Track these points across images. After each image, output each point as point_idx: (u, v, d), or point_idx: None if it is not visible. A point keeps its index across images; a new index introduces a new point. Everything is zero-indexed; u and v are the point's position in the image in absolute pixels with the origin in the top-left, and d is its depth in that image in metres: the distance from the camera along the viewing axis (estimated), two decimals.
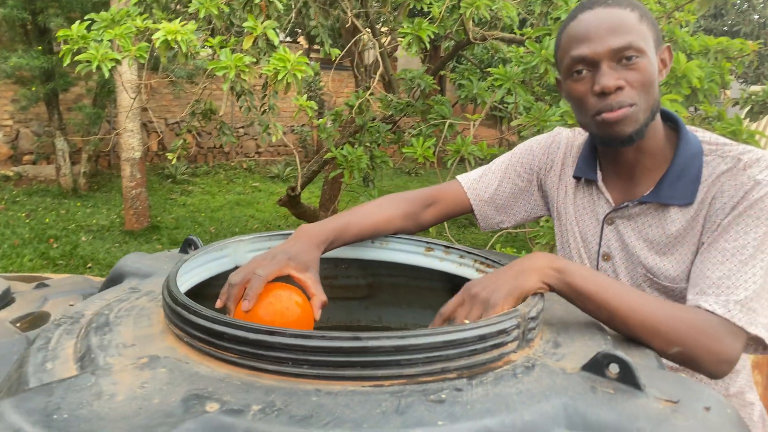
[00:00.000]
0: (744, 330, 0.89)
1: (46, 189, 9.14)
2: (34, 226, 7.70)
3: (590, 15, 0.98)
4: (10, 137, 9.61)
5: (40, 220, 7.94)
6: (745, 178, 0.97)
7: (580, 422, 0.59)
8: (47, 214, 8.22)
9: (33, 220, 7.91)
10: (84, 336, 0.73)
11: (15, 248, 6.98)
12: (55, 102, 8.70)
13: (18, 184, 9.26)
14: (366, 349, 0.62)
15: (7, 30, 8.20)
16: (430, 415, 0.58)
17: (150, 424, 0.54)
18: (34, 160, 9.70)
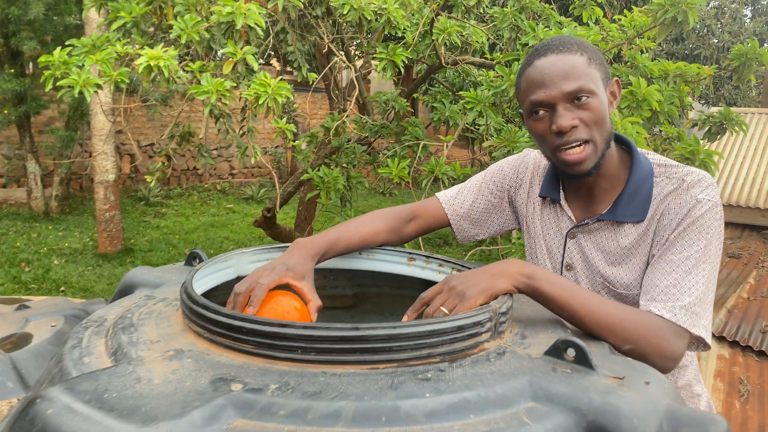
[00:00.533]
0: (688, 331, 1.01)
1: (16, 212, 9.05)
2: (5, 249, 7.63)
3: (544, 62, 1.09)
4: None
5: (11, 244, 7.86)
6: (688, 197, 1.10)
7: (543, 395, 0.71)
8: (18, 237, 8.14)
9: (4, 244, 7.83)
10: (113, 335, 0.83)
11: None
12: (26, 125, 8.66)
13: None
14: (364, 338, 0.73)
15: None
16: (419, 389, 0.69)
17: (186, 400, 0.64)
18: (4, 183, 9.61)
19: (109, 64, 3.65)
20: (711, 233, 1.07)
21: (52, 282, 6.87)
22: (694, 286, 1.03)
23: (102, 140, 7.67)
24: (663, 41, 16.13)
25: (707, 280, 1.05)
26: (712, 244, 1.07)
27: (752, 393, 3.50)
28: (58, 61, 3.70)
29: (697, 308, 1.03)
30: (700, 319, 1.03)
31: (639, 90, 3.46)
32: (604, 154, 1.12)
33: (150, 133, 10.81)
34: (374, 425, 0.63)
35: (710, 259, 1.06)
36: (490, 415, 0.67)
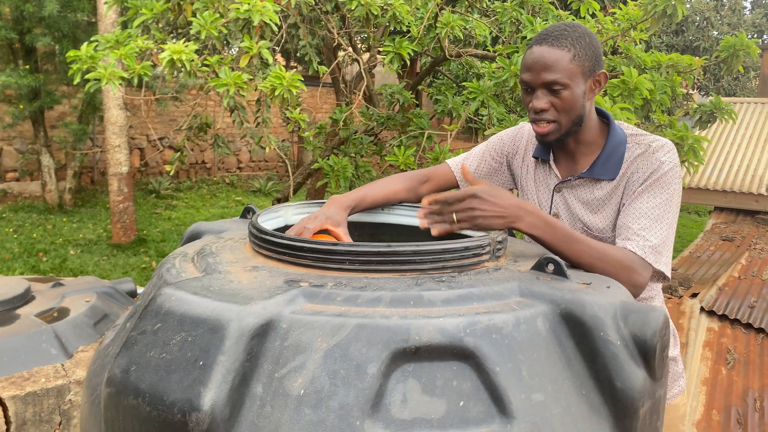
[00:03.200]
0: (652, 266, 1.26)
1: (31, 205, 9.31)
2: (22, 241, 7.89)
3: (537, 50, 1.33)
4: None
5: (28, 235, 8.12)
6: (654, 159, 1.35)
7: (528, 293, 0.95)
8: (34, 229, 8.40)
9: (21, 235, 8.09)
10: (199, 260, 1.07)
11: (5, 262, 7.17)
12: (40, 119, 8.92)
13: (3, 200, 9.42)
14: (395, 253, 0.97)
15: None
16: (436, 286, 0.94)
17: (270, 290, 0.89)
18: (18, 176, 9.88)
19: (133, 59, 3.89)
20: (672, 188, 1.32)
21: (69, 271, 7.12)
22: (659, 231, 1.28)
23: (116, 134, 7.92)
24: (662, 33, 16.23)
25: (669, 227, 1.30)
26: (673, 197, 1.32)
27: (738, 361, 3.75)
28: (85, 56, 3.93)
29: (661, 249, 1.28)
30: (662, 257, 1.28)
31: (630, 79, 3.68)
32: (570, 131, 1.38)
33: (159, 127, 11.06)
34: (405, 306, 0.88)
35: (672, 210, 1.31)
36: (488, 303, 0.91)
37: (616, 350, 0.89)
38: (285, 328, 0.83)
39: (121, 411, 0.83)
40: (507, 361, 0.84)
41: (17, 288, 3.30)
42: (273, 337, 0.83)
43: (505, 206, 1.17)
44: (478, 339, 0.84)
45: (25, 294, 3.35)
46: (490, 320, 0.86)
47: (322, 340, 0.82)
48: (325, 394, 0.79)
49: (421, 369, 0.82)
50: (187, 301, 0.86)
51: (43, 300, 3.44)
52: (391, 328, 0.83)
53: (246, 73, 3.77)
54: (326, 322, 0.84)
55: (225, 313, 0.82)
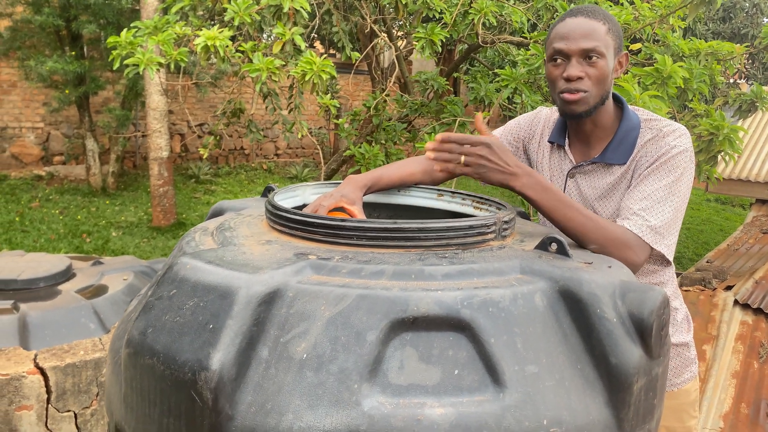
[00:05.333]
0: (650, 246, 1.27)
1: (76, 188, 9.61)
2: (67, 222, 8.17)
3: (573, 21, 1.36)
4: (42, 139, 10.14)
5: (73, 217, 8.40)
6: (663, 143, 1.35)
7: (528, 270, 0.98)
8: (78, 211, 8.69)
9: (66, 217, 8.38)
10: (217, 234, 1.13)
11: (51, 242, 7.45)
12: (85, 104, 9.18)
13: (50, 183, 9.75)
14: (400, 229, 1.01)
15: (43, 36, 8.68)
16: (438, 261, 0.97)
17: (279, 260, 0.94)
18: (64, 160, 10.21)
19: (170, 45, 3.98)
20: (680, 171, 1.32)
21: (111, 252, 7.36)
22: (663, 212, 1.29)
23: (156, 119, 8.12)
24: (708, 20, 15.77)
25: (675, 210, 1.31)
26: (681, 181, 1.32)
27: None
28: (125, 42, 4.04)
29: (663, 231, 1.28)
30: (664, 239, 1.29)
31: (664, 67, 3.62)
32: (597, 106, 1.39)
33: (199, 113, 11.27)
34: (406, 279, 0.92)
35: (679, 193, 1.32)
36: (488, 279, 0.95)
37: (612, 327, 0.91)
38: (291, 296, 0.88)
39: (139, 370, 0.89)
40: (502, 333, 0.88)
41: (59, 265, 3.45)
42: (279, 304, 0.88)
43: (509, 163, 1.22)
44: (475, 312, 0.87)
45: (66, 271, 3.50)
46: (487, 294, 0.90)
47: (325, 309, 0.87)
48: (326, 358, 0.84)
49: (419, 338, 0.86)
50: (200, 269, 0.91)
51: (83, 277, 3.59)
52: (390, 299, 0.87)
53: (279, 59, 3.83)
54: (330, 291, 0.88)
55: (235, 281, 0.87)
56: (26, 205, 8.61)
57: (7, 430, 2.71)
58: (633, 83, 3.35)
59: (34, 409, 2.74)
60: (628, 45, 4.18)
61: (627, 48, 4.15)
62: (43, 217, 8.26)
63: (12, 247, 7.26)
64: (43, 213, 8.41)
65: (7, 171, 9.85)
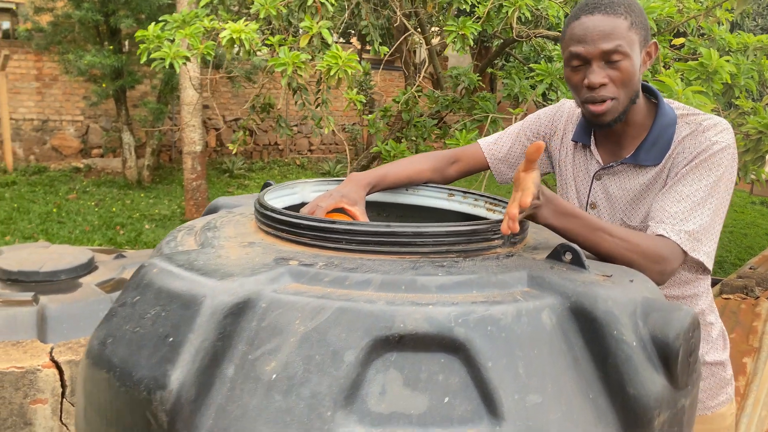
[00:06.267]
0: (686, 252, 1.13)
1: (113, 180, 9.74)
2: (102, 214, 8.28)
3: (590, 19, 1.19)
4: (81, 132, 10.31)
5: (108, 209, 8.51)
6: (703, 139, 1.21)
7: (537, 283, 0.86)
8: (114, 203, 8.79)
9: (101, 209, 8.49)
10: (200, 234, 1.04)
11: (86, 233, 7.55)
12: (122, 98, 9.29)
13: (87, 175, 9.90)
14: (394, 233, 0.91)
15: (82, 31, 8.82)
16: (434, 270, 0.86)
17: (255, 267, 0.85)
18: (102, 153, 10.37)
19: (197, 38, 3.94)
20: (721, 171, 1.18)
21: (143, 244, 7.41)
22: (701, 216, 1.15)
23: (191, 113, 8.15)
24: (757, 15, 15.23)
25: (714, 213, 1.17)
26: (721, 180, 1.18)
27: None
28: (152, 36, 4.02)
29: (701, 236, 1.14)
30: (702, 245, 1.15)
31: (709, 62, 3.43)
32: (627, 109, 1.24)
33: (235, 108, 11.32)
34: (395, 291, 0.81)
35: (719, 194, 1.17)
36: (489, 292, 0.83)
37: (631, 351, 0.79)
38: (264, 307, 0.78)
39: (96, 384, 0.81)
40: (502, 356, 0.76)
41: (82, 258, 3.44)
42: (250, 316, 0.78)
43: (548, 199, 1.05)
44: (471, 330, 0.76)
45: (88, 264, 3.48)
46: (486, 310, 0.79)
47: (300, 323, 0.77)
48: (298, 380, 0.74)
49: (405, 359, 0.75)
50: (166, 274, 0.82)
51: (105, 270, 3.57)
52: (374, 313, 0.76)
53: (305, 54, 3.76)
54: (307, 303, 0.78)
55: (199, 289, 0.78)
56: (64, 197, 8.76)
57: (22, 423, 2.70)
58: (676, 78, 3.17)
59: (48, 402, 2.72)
60: (671, 39, 3.97)
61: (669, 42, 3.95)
62: (79, 208, 8.38)
63: (48, 238, 7.39)
64: (80, 204, 8.54)
65: (47, 163, 10.04)
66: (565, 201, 1.08)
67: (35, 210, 8.11)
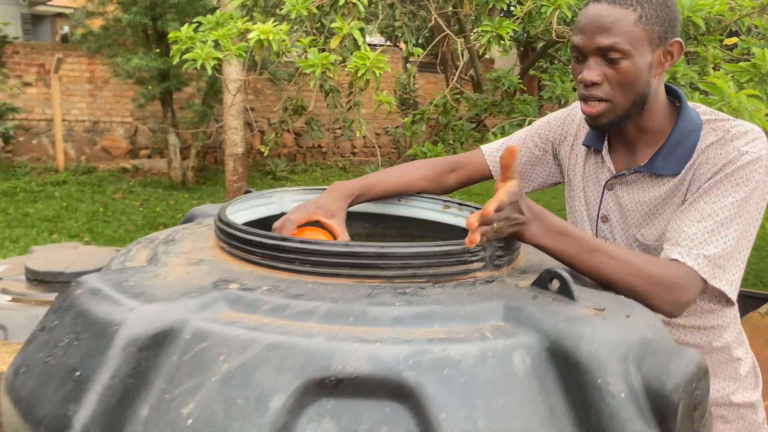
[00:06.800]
0: (705, 281, 0.98)
1: (158, 181, 9.90)
2: (146, 213, 8.41)
3: (594, 9, 1.06)
4: (130, 133, 10.53)
5: (152, 209, 8.64)
6: (730, 148, 1.05)
7: (513, 316, 0.74)
8: (158, 203, 8.93)
9: (145, 209, 8.63)
10: (155, 248, 0.96)
11: (129, 233, 7.67)
12: (169, 100, 9.44)
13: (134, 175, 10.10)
14: (353, 254, 0.80)
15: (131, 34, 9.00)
16: (392, 299, 0.75)
17: (188, 290, 0.75)
18: (149, 154, 10.57)
19: (230, 40, 3.90)
20: (751, 186, 1.02)
21: None
22: (724, 238, 0.99)
23: (233, 115, 8.20)
24: None
25: (740, 236, 1.01)
26: (751, 198, 1.02)
27: None
28: (185, 37, 4.01)
29: (723, 261, 0.99)
30: (724, 273, 0.99)
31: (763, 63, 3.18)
32: (628, 114, 1.10)
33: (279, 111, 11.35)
34: (342, 323, 0.70)
35: (747, 213, 1.02)
36: (454, 326, 0.71)
37: (617, 405, 0.66)
38: (187, 339, 0.68)
39: (5, 416, 0.72)
40: (459, 406, 0.64)
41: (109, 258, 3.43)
42: (172, 349, 0.68)
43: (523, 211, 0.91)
44: (423, 374, 0.65)
45: None
46: (444, 350, 0.67)
47: (224, 359, 0.66)
48: (216, 427, 0.63)
49: (342, 408, 0.64)
50: (87, 296, 0.73)
51: None
52: (310, 350, 0.65)
53: (336, 55, 3.68)
54: (236, 336, 0.68)
55: (115, 316, 0.69)
56: (110, 196, 8.95)
57: None
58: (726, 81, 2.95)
59: None
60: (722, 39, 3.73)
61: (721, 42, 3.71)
62: (125, 208, 8.54)
63: (93, 237, 7.54)
64: (125, 204, 8.70)
65: (96, 163, 10.29)
66: (557, 218, 0.95)
67: (82, 209, 8.30)
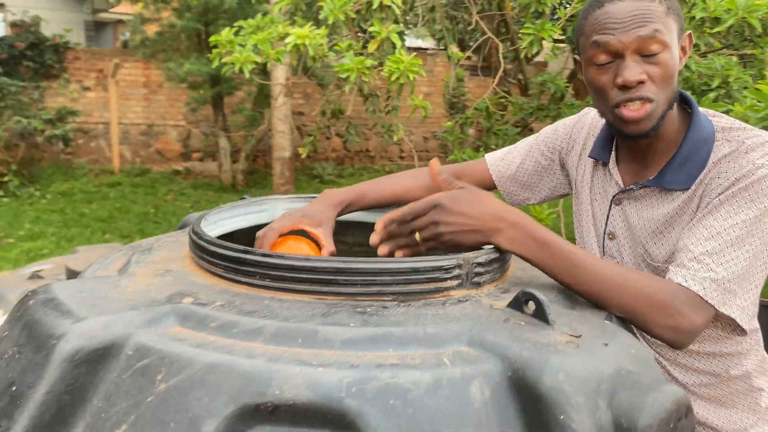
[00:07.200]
0: (714, 308, 0.89)
1: (209, 183, 10.11)
2: None
3: (616, 6, 0.98)
4: (183, 136, 10.79)
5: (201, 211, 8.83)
6: (744, 161, 0.95)
7: (478, 341, 0.68)
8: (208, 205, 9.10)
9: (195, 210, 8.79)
10: (131, 256, 0.94)
11: None
12: (220, 104, 9.63)
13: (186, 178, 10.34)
14: (313, 269, 0.76)
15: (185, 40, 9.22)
16: (348, 319, 0.70)
17: (137, 304, 0.72)
18: (201, 157, 10.80)
19: (269, 44, 3.93)
20: (766, 203, 0.92)
21: None
22: (735, 260, 0.90)
23: (280, 120, 8.30)
24: None
25: (754, 257, 0.91)
26: (767, 216, 0.93)
27: None
28: (225, 41, 4.05)
29: (734, 285, 0.90)
30: (735, 298, 0.90)
31: None
32: (664, 116, 1.01)
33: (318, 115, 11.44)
34: (289, 344, 0.66)
35: (762, 233, 0.92)
36: (410, 351, 0.66)
37: None
38: (129, 355, 0.66)
39: None
40: None
41: None
42: (113, 365, 0.65)
43: (479, 216, 0.86)
44: (366, 403, 0.60)
45: None
46: (393, 377, 0.61)
47: (162, 378, 0.63)
48: None
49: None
50: (38, 307, 0.72)
51: None
52: (248, 373, 0.61)
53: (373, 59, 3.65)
54: (178, 354, 0.64)
55: (57, 329, 0.66)
56: (162, 198, 9.18)
57: None
58: None
59: None
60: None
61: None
62: (175, 209, 8.74)
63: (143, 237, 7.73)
64: (176, 206, 8.91)
65: (150, 165, 10.59)
66: (540, 227, 0.87)
67: (135, 210, 8.53)
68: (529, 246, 0.87)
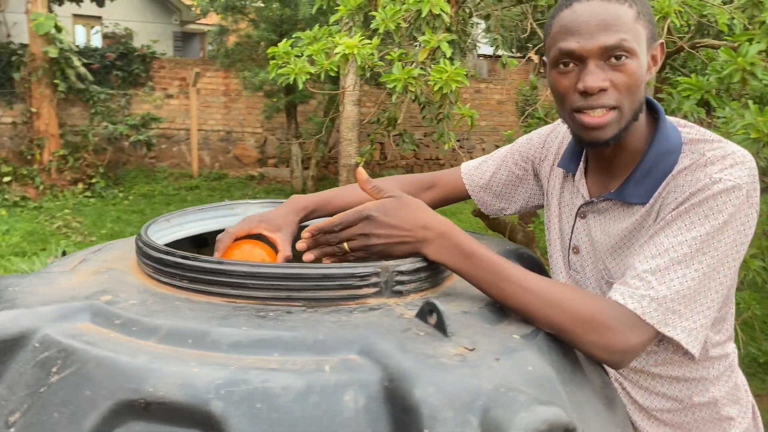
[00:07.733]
0: (654, 328, 0.84)
1: (281, 189, 10.39)
2: None
3: (585, 6, 0.93)
4: (259, 143, 11.16)
5: None
6: (702, 175, 0.89)
7: (368, 350, 0.68)
8: None
9: None
10: (90, 254, 0.99)
11: None
12: (293, 112, 9.90)
13: (261, 183, 10.67)
14: (224, 272, 0.77)
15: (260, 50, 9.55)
16: (243, 322, 0.71)
17: (56, 300, 0.77)
18: (275, 163, 11.13)
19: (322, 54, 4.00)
20: (722, 219, 0.86)
21: None
22: (681, 278, 0.84)
23: (348, 128, 8.44)
24: None
25: (705, 276, 0.85)
26: (722, 233, 0.86)
27: None
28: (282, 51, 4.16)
29: (677, 305, 0.84)
30: (680, 318, 0.84)
31: None
32: (628, 126, 0.96)
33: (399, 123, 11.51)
34: (179, 344, 0.68)
35: (715, 251, 0.86)
36: (295, 357, 0.66)
37: None
38: (36, 348, 0.70)
39: None
40: None
41: None
42: (21, 357, 0.70)
43: (407, 227, 0.85)
44: (232, 406, 0.61)
45: None
46: (264, 382, 0.62)
47: (56, 371, 0.66)
48: None
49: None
50: None
51: None
52: (127, 370, 0.64)
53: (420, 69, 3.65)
54: (75, 350, 0.68)
55: None
56: None
57: None
58: None
59: None
60: None
61: None
62: None
63: None
64: None
65: (228, 170, 11.00)
66: (468, 237, 0.85)
67: None
68: (454, 256, 0.85)
